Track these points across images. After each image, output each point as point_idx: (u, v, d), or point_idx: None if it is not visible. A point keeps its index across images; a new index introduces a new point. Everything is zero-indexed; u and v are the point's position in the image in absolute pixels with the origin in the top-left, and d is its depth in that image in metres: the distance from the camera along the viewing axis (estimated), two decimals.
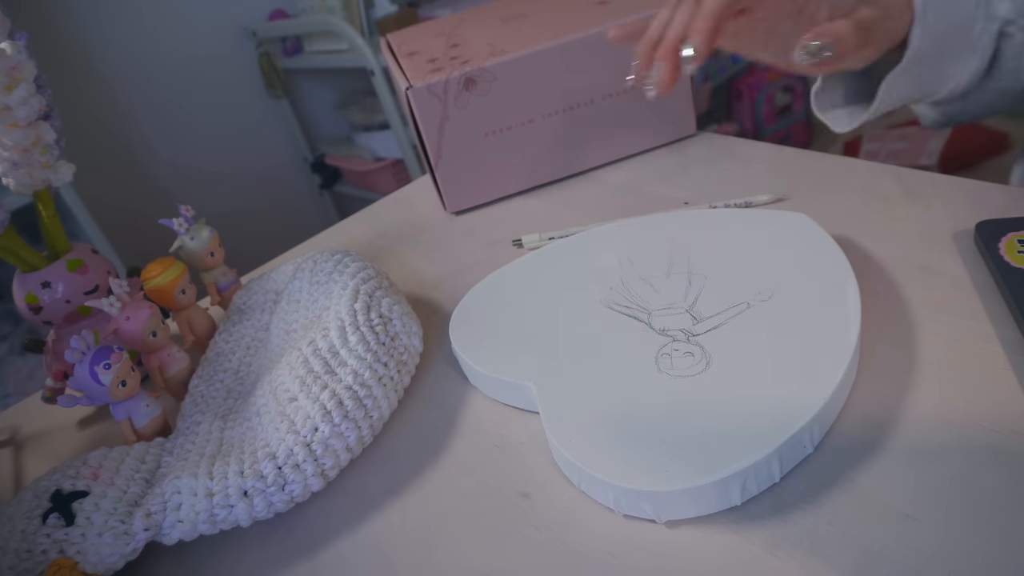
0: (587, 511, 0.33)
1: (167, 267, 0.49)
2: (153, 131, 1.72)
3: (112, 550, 0.34)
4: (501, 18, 0.69)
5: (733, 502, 0.31)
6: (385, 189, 1.59)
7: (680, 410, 0.34)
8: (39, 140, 0.45)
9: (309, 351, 0.41)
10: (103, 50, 1.61)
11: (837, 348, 0.34)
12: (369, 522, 0.36)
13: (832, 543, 0.28)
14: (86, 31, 1.58)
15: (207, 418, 0.42)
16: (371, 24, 1.70)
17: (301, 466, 0.36)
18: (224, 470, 0.36)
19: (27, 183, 0.47)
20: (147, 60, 1.67)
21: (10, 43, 0.43)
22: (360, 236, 0.66)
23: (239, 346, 0.49)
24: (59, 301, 0.49)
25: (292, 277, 0.50)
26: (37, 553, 0.33)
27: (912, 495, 0.29)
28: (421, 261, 0.58)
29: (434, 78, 0.58)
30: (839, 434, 0.33)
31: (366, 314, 0.42)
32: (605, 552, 0.31)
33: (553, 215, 0.60)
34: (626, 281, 0.44)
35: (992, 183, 0.47)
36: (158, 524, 0.35)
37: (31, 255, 0.49)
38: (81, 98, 1.59)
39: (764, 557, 0.29)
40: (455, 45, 0.64)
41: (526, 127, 0.61)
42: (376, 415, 0.39)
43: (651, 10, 0.55)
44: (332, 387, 0.38)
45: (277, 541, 0.36)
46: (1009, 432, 0.31)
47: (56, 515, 0.34)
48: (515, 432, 0.39)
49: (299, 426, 0.37)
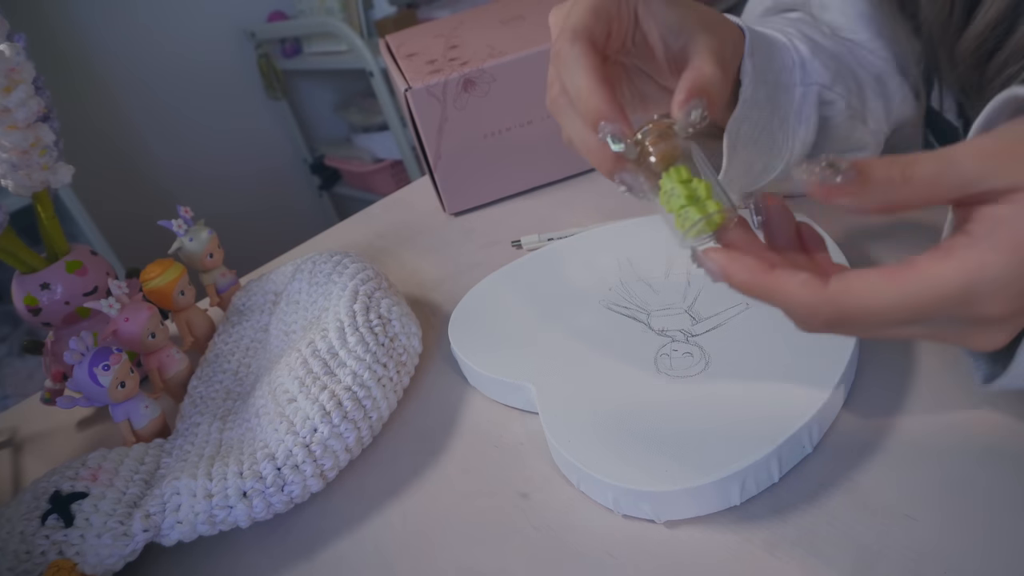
0: (586, 511, 0.33)
1: (166, 268, 0.49)
2: (152, 132, 1.72)
3: (111, 551, 0.34)
4: (500, 20, 0.69)
5: (732, 502, 0.31)
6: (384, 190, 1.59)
7: (679, 410, 0.34)
8: (38, 142, 0.45)
9: (308, 352, 0.41)
10: (102, 51, 1.61)
11: (836, 348, 0.34)
12: (368, 523, 0.36)
13: (831, 543, 0.28)
14: (85, 32, 1.58)
15: (206, 419, 0.42)
16: (370, 25, 1.70)
17: (300, 467, 0.36)
18: (223, 471, 0.36)
19: (26, 185, 0.47)
20: (146, 61, 1.67)
21: (9, 45, 0.43)
22: (359, 237, 0.66)
23: (238, 347, 0.49)
24: (58, 302, 0.49)
25: (291, 278, 0.50)
26: (36, 554, 0.33)
27: (911, 495, 0.29)
28: (420, 262, 0.58)
29: (433, 79, 0.58)
30: (838, 434, 0.33)
31: (365, 315, 0.42)
32: (604, 552, 0.31)
33: (552, 216, 0.60)
34: (625, 282, 0.44)
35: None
36: (157, 525, 0.35)
37: (30, 256, 0.49)
38: (80, 99, 1.59)
39: (763, 557, 0.29)
40: (454, 47, 0.64)
41: (525, 128, 0.61)
42: (375, 416, 0.39)
43: None
44: (331, 388, 0.38)
45: (276, 542, 0.36)
46: (1007, 433, 0.31)
47: (55, 516, 0.34)
48: (514, 432, 0.39)
49: (298, 427, 0.37)
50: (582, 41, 0.30)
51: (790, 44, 0.42)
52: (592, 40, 0.31)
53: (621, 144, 0.29)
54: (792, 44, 0.42)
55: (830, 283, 0.22)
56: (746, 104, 0.37)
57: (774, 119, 0.40)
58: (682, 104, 0.29)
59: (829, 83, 0.41)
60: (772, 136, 0.40)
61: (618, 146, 0.29)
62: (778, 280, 0.23)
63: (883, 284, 0.21)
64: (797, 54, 0.41)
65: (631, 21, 0.33)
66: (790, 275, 0.23)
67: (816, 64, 0.41)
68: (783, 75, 0.40)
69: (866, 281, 0.21)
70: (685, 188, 0.27)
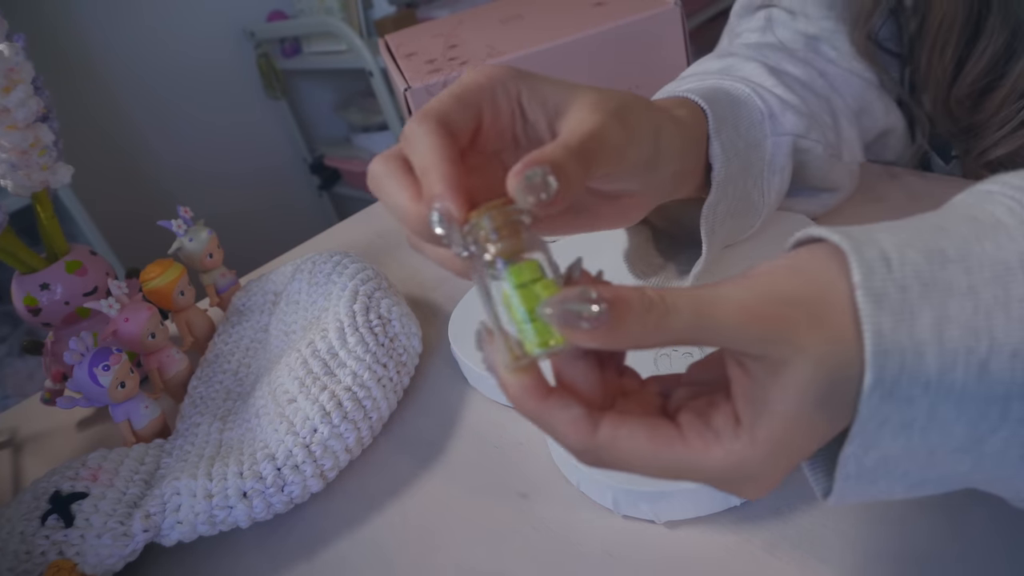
0: (586, 511, 0.33)
1: (166, 268, 0.49)
2: (151, 132, 1.72)
3: (111, 551, 0.34)
4: (499, 19, 0.69)
5: (732, 502, 0.31)
6: None
7: None
8: (37, 142, 0.45)
9: (308, 352, 0.41)
10: (101, 51, 1.61)
11: None
12: (368, 523, 0.36)
13: (831, 544, 0.28)
14: (84, 32, 1.58)
15: (206, 419, 0.42)
16: (369, 25, 1.70)
17: (300, 467, 0.36)
18: (223, 471, 0.36)
19: (25, 185, 0.47)
20: (145, 61, 1.67)
21: (8, 45, 0.43)
22: (359, 237, 0.66)
23: (238, 347, 0.48)
24: (58, 303, 0.49)
25: (291, 278, 0.50)
26: (36, 554, 0.33)
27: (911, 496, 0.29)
28: (420, 262, 0.58)
29: (433, 79, 0.58)
30: None
31: (365, 315, 0.42)
32: (604, 552, 0.31)
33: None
34: (625, 281, 0.44)
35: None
36: (157, 525, 0.35)
37: (30, 257, 0.49)
38: (79, 99, 1.59)
39: (763, 558, 0.29)
40: (453, 46, 0.64)
41: None
42: (375, 416, 0.39)
43: (644, 13, 0.56)
44: (331, 388, 0.38)
45: (276, 542, 0.36)
46: None
47: (55, 516, 0.34)
48: (514, 432, 0.39)
49: (298, 427, 0.37)
50: (430, 121, 0.25)
51: (754, 94, 0.39)
52: (446, 123, 0.26)
53: (442, 228, 0.23)
54: (757, 94, 0.39)
55: (598, 432, 0.21)
56: (720, 187, 0.35)
57: (747, 180, 0.38)
58: (516, 174, 0.22)
59: (804, 131, 0.40)
60: (748, 199, 0.38)
61: (440, 229, 0.23)
62: (550, 411, 0.21)
63: (647, 449, 0.21)
64: (764, 104, 0.39)
65: (515, 112, 0.28)
66: (561, 407, 0.21)
67: (788, 115, 0.39)
68: (751, 132, 0.38)
69: (633, 442, 0.21)
70: (526, 295, 0.21)
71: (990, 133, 0.44)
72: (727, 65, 0.44)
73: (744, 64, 0.44)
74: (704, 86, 0.38)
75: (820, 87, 0.45)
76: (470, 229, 0.23)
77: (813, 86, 0.44)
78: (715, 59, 0.46)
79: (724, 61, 0.45)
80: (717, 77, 0.41)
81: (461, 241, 0.23)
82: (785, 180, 0.40)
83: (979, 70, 0.43)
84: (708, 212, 0.36)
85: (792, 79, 0.43)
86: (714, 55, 0.47)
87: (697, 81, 0.41)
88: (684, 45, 0.57)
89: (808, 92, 0.43)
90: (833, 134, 0.43)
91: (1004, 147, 0.44)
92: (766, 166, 0.39)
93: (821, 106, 0.43)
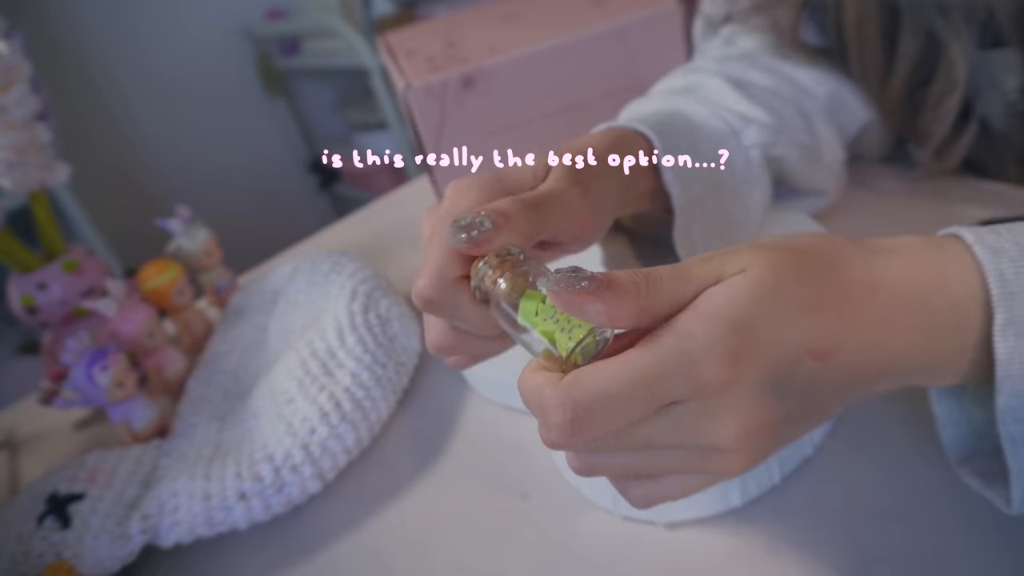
0: (586, 512, 0.33)
1: (164, 268, 0.48)
2: (149, 131, 1.72)
3: (109, 553, 0.34)
4: (500, 18, 0.69)
5: (733, 504, 0.31)
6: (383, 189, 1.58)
7: None
8: (35, 141, 0.45)
9: (307, 352, 0.40)
10: (99, 50, 1.61)
11: None
12: (368, 524, 0.36)
13: (832, 545, 0.28)
14: (82, 31, 1.58)
15: (204, 420, 0.42)
16: (369, 23, 1.69)
17: (299, 468, 0.35)
18: (222, 472, 0.36)
19: (23, 184, 0.47)
20: (142, 59, 1.67)
21: (5, 43, 0.42)
22: (358, 236, 0.66)
23: (236, 347, 0.48)
24: (55, 303, 0.48)
25: (290, 278, 0.50)
26: (33, 556, 0.33)
27: (911, 496, 0.29)
28: (419, 261, 0.58)
29: (432, 78, 0.57)
30: (839, 436, 0.33)
31: (364, 315, 0.42)
32: (604, 554, 0.31)
33: None
34: None
35: (993, 183, 0.47)
36: (155, 527, 0.35)
37: (26, 256, 0.49)
38: (77, 98, 1.59)
39: (764, 559, 0.29)
40: (453, 45, 0.64)
41: (525, 127, 0.61)
42: (374, 417, 0.39)
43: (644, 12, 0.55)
44: (330, 389, 0.38)
45: (275, 544, 0.36)
46: None
47: (52, 518, 0.34)
48: (514, 433, 0.38)
49: (297, 428, 0.36)
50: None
51: (714, 116, 0.39)
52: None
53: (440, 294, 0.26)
54: (718, 115, 0.40)
55: (564, 379, 0.22)
56: (684, 210, 0.36)
57: (723, 199, 0.38)
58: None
59: (771, 140, 0.40)
60: (725, 216, 0.38)
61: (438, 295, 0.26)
62: (535, 375, 0.23)
63: (607, 363, 0.22)
64: (725, 124, 0.39)
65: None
66: (544, 374, 0.23)
67: (751, 130, 0.40)
68: (712, 153, 0.38)
69: (594, 366, 0.22)
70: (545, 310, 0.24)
71: (936, 128, 0.44)
72: (691, 83, 0.45)
73: (708, 80, 0.44)
74: (663, 110, 0.39)
75: (788, 92, 0.45)
76: (478, 279, 0.26)
77: (781, 92, 0.44)
78: (681, 76, 0.46)
79: (689, 78, 0.45)
80: (681, 96, 0.42)
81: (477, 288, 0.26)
82: (766, 191, 0.41)
83: (907, 68, 0.43)
84: (681, 236, 0.36)
85: (758, 89, 0.43)
86: (681, 70, 0.48)
87: (658, 102, 0.42)
88: (684, 45, 0.57)
89: (776, 99, 0.43)
90: (807, 136, 0.43)
91: (952, 147, 0.45)
92: (742, 182, 0.39)
93: (791, 110, 0.43)
